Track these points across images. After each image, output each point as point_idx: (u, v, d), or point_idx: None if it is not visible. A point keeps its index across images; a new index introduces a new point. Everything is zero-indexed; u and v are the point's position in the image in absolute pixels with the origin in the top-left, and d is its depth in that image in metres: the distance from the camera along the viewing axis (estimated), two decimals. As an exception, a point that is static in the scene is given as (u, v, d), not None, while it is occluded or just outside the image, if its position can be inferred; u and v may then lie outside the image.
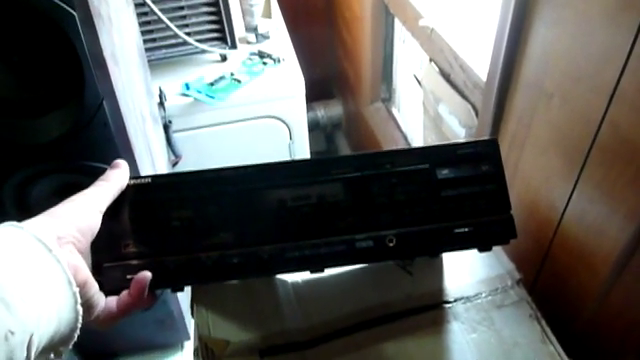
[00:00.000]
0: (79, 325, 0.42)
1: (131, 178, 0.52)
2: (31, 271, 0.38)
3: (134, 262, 0.50)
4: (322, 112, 2.26)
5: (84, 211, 0.46)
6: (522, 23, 0.72)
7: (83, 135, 0.70)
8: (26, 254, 0.39)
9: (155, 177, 0.52)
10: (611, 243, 0.62)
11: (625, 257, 0.61)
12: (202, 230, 0.51)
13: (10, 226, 0.41)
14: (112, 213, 0.50)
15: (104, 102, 0.68)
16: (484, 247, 0.56)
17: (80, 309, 0.42)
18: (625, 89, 0.56)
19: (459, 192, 0.54)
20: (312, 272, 0.55)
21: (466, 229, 0.53)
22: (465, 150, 0.55)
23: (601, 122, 0.60)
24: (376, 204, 0.53)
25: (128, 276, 0.49)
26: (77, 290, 0.41)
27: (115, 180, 0.50)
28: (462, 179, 0.54)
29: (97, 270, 0.50)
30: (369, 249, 0.52)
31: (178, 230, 0.51)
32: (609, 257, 0.63)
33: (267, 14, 1.33)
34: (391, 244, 0.52)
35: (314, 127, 2.23)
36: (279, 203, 0.52)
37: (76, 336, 0.42)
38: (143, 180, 0.52)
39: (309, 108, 2.24)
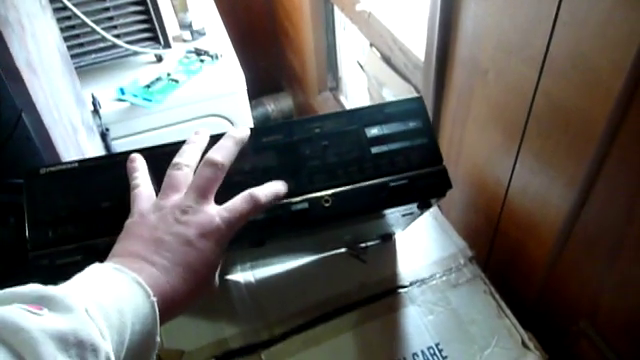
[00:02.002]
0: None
1: (58, 164, 0.50)
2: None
3: (63, 247, 0.48)
4: (272, 106, 2.24)
5: None
6: (452, 1, 0.72)
7: (5, 152, 0.65)
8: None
9: (82, 161, 0.51)
10: (554, 212, 0.63)
11: (569, 225, 0.62)
12: None
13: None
14: (36, 200, 0.49)
15: (23, 115, 0.64)
16: (423, 202, 0.56)
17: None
18: (554, 58, 0.56)
19: (390, 148, 0.54)
20: (252, 245, 0.54)
21: (401, 182, 0.53)
22: (392, 109, 0.56)
23: (534, 93, 0.60)
24: (309, 167, 0.53)
25: (58, 261, 0.47)
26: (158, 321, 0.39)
27: (144, 179, 0.49)
28: (391, 135, 0.55)
29: (23, 261, 0.48)
30: (305, 211, 0.51)
31: (108, 211, 0.49)
32: (554, 226, 0.64)
33: (183, 8, 1.28)
34: (327, 204, 0.52)
35: (265, 122, 2.20)
36: None
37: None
38: (70, 165, 0.50)
39: (258, 103, 2.22)
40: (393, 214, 0.61)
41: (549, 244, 0.65)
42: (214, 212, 0.45)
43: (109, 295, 0.37)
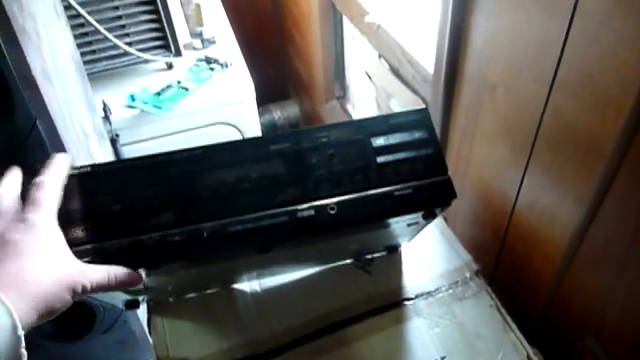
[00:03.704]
0: None
1: (72, 168, 0.51)
2: None
3: (74, 249, 0.49)
4: (279, 113, 2.25)
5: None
6: (462, 15, 0.73)
7: (18, 158, 0.66)
8: None
9: (95, 165, 0.52)
10: (562, 228, 0.63)
11: (576, 241, 0.62)
12: (143, 212, 0.51)
13: None
14: None
15: (37, 122, 0.64)
16: (427, 212, 0.56)
17: (24, 353, 0.40)
18: (564, 76, 0.56)
19: (395, 158, 0.55)
20: (258, 252, 0.54)
21: (406, 192, 0.54)
22: (397, 119, 0.57)
23: (544, 110, 0.61)
24: (315, 175, 0.54)
25: None
26: (22, 333, 0.39)
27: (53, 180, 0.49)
28: (397, 146, 0.56)
29: None
30: (311, 218, 0.52)
31: (118, 214, 0.51)
32: (561, 242, 0.64)
33: (199, 22, 1.30)
34: (332, 212, 0.53)
35: (271, 129, 2.20)
36: (220, 182, 0.53)
37: None
38: (82, 169, 0.52)
39: (265, 110, 2.23)
40: (398, 224, 0.61)
41: (556, 260, 0.66)
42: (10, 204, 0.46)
43: None
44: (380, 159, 0.55)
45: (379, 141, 0.56)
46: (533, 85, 0.61)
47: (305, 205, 0.53)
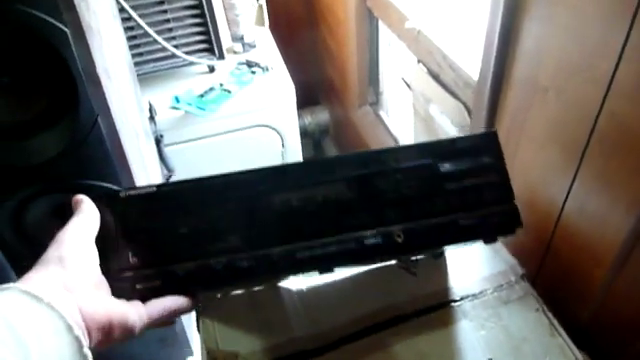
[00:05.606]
0: None
1: (137, 188, 0.52)
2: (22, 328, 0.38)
3: (143, 272, 0.50)
4: (309, 119, 2.26)
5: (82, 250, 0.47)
6: (512, 22, 0.73)
7: (79, 153, 0.68)
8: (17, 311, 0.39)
9: (160, 185, 0.52)
10: (613, 233, 0.63)
11: (628, 246, 0.61)
12: (210, 235, 0.51)
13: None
14: (119, 223, 0.50)
15: (99, 119, 0.67)
16: (490, 238, 0.56)
17: (88, 353, 0.41)
18: (622, 80, 0.56)
19: (462, 185, 0.55)
20: (321, 272, 0.55)
21: (472, 221, 0.53)
22: (465, 143, 0.57)
23: (598, 113, 0.61)
24: (382, 200, 0.53)
25: (138, 286, 0.49)
26: (80, 333, 0.40)
27: (89, 212, 0.49)
28: (464, 172, 0.55)
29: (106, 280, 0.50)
30: (378, 245, 0.52)
31: (186, 237, 0.51)
32: (612, 247, 0.63)
33: (260, 22, 1.33)
34: (399, 239, 0.53)
35: (301, 134, 2.21)
36: (286, 205, 0.53)
37: None
38: (148, 189, 0.52)
39: (296, 115, 2.25)
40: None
41: (606, 265, 0.65)
42: None
43: None
44: (447, 186, 0.55)
45: (446, 166, 0.56)
46: (588, 88, 0.61)
47: (372, 231, 0.53)
